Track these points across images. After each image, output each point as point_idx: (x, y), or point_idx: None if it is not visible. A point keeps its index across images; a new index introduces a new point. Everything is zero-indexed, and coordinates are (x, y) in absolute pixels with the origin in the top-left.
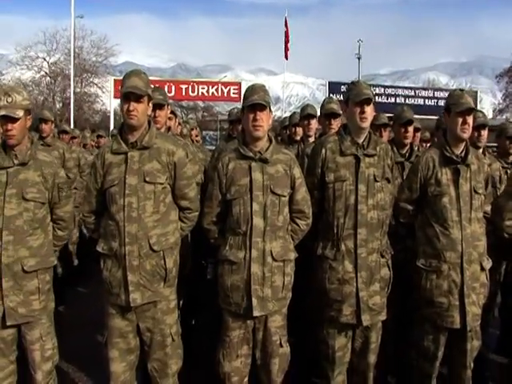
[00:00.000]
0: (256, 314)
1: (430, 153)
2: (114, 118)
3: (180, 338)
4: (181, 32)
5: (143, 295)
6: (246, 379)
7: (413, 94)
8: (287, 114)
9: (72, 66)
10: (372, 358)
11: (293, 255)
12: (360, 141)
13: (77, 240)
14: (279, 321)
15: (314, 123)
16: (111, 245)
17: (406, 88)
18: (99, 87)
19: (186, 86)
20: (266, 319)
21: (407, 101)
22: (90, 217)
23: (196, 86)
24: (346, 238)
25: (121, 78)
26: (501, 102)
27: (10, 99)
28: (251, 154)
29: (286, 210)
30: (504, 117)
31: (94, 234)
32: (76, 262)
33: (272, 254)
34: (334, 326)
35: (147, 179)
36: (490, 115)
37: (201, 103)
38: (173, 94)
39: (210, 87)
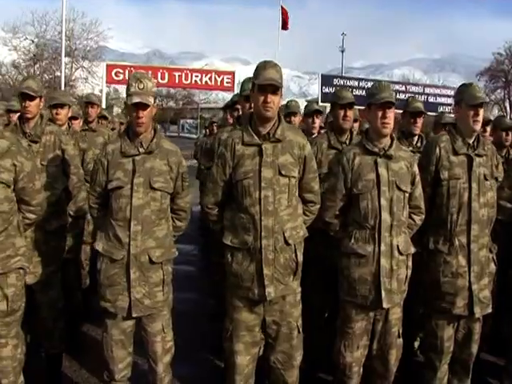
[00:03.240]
0: (385, 305)
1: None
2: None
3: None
4: (155, 18)
5: (276, 289)
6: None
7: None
8: None
9: (63, 49)
10: (475, 348)
11: (413, 249)
12: (471, 141)
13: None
14: (398, 312)
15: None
16: (244, 238)
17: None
18: (89, 71)
19: (180, 73)
20: (387, 311)
21: None
22: (214, 209)
23: (190, 74)
24: (459, 234)
25: (114, 63)
26: None
27: (141, 85)
28: (377, 150)
29: (407, 205)
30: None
31: (215, 226)
32: None
33: (398, 248)
34: (444, 318)
35: (283, 172)
36: None
37: (182, 91)
38: (166, 81)
39: (204, 75)
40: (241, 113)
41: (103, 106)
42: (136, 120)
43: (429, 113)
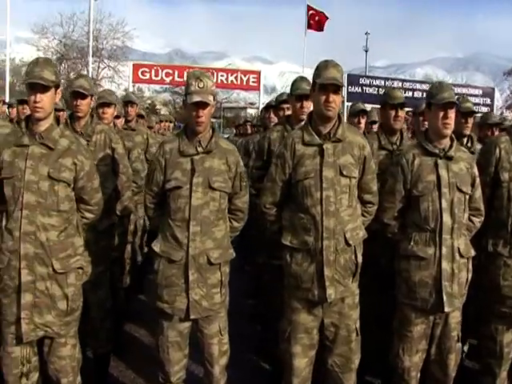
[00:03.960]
0: (446, 309)
1: None
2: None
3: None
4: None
5: (336, 290)
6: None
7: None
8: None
9: (90, 49)
10: None
11: (473, 252)
12: None
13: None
14: (458, 316)
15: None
16: (304, 239)
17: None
18: (115, 71)
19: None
20: (447, 315)
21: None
22: (272, 209)
23: (215, 74)
24: None
25: (141, 62)
26: (510, 96)
27: (201, 84)
28: (437, 151)
29: (467, 207)
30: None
31: (273, 227)
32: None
33: (459, 251)
34: (504, 322)
35: (344, 173)
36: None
37: None
38: None
39: (229, 75)
40: (289, 112)
41: None
42: (196, 119)
43: None
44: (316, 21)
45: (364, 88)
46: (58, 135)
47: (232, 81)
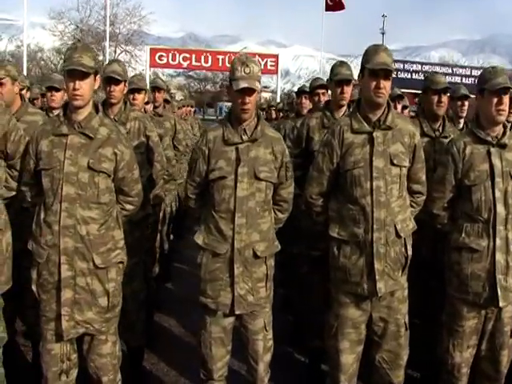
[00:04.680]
0: (501, 304)
1: None
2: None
3: None
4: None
5: (387, 284)
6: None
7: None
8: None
9: (107, 34)
10: None
11: None
12: None
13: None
14: (511, 311)
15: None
16: (353, 231)
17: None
18: (132, 55)
19: (223, 56)
20: (500, 309)
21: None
22: (318, 199)
23: (232, 57)
24: None
25: (157, 46)
26: None
27: (247, 70)
28: (489, 139)
29: None
30: None
31: (319, 218)
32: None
33: None
34: None
35: (394, 162)
36: None
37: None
38: (209, 64)
39: None
40: (324, 98)
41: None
42: (242, 106)
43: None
44: (335, 1)
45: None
46: (97, 124)
47: None
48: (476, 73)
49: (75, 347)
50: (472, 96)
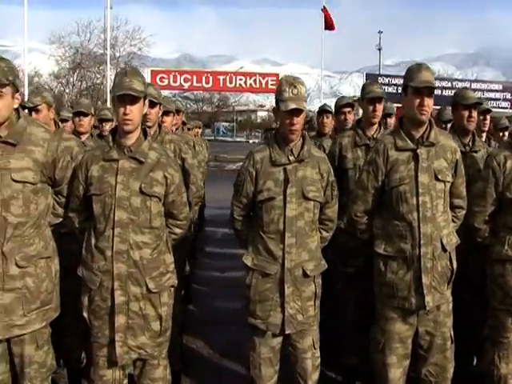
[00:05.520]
0: None
1: None
2: None
3: None
4: (183, 23)
5: (434, 298)
6: None
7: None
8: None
9: (108, 57)
10: None
11: None
12: None
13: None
14: None
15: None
16: (400, 246)
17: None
18: None
19: (224, 76)
20: None
21: None
22: (363, 217)
23: (234, 77)
24: None
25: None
26: None
27: (295, 91)
28: None
29: None
30: None
31: (363, 235)
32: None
33: None
34: None
35: (439, 177)
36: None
37: (217, 94)
38: (210, 85)
39: (248, 78)
40: (350, 116)
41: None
42: (290, 127)
43: None
44: (329, 19)
45: (384, 87)
46: (147, 148)
47: (251, 84)
48: (476, 86)
49: (126, 373)
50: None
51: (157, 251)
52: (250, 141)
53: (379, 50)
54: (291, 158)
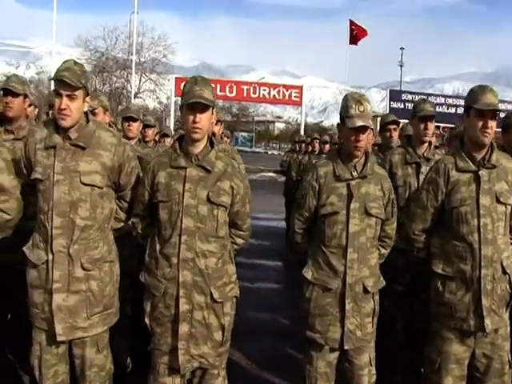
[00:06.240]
0: None
1: None
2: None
3: None
4: (203, 32)
5: (493, 320)
6: None
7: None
8: (311, 118)
9: (133, 63)
10: None
11: None
12: None
13: None
14: None
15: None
16: (460, 267)
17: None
18: (156, 84)
19: (248, 87)
20: None
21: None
22: (421, 235)
23: (258, 88)
24: None
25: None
26: None
27: (362, 108)
28: None
29: None
30: None
31: (421, 254)
32: None
33: None
34: None
35: (501, 199)
36: None
37: (236, 104)
38: (234, 94)
39: (272, 89)
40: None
41: (172, 118)
42: (355, 143)
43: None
44: (354, 35)
45: (406, 104)
46: (213, 157)
47: (274, 95)
48: (501, 106)
49: (185, 380)
50: None
51: (221, 261)
52: (269, 152)
53: (401, 66)
54: (354, 173)
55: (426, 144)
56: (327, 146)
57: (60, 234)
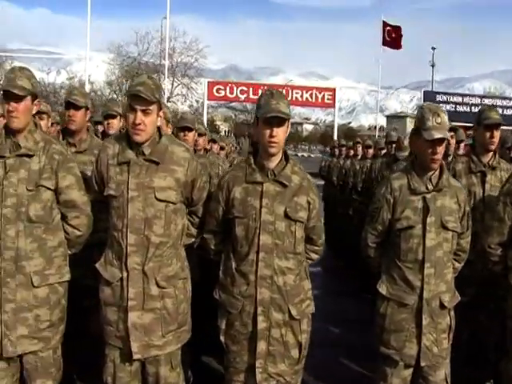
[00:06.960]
0: None
1: None
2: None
3: None
4: (230, 34)
5: None
6: None
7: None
8: (339, 119)
9: (166, 68)
10: None
11: None
12: None
13: None
14: None
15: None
16: None
17: None
18: (188, 88)
19: (281, 90)
20: None
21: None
22: (497, 249)
23: (290, 91)
24: None
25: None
26: None
27: (439, 119)
28: None
29: None
30: None
31: (497, 267)
32: None
33: None
34: None
35: None
36: None
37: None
38: None
39: (304, 92)
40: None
41: (205, 122)
42: (432, 156)
43: None
44: (392, 37)
45: (440, 105)
46: (289, 171)
47: (307, 98)
48: None
49: None
50: None
51: (299, 277)
52: (299, 154)
53: (432, 66)
54: (430, 186)
55: (492, 152)
56: (371, 151)
57: (135, 251)
